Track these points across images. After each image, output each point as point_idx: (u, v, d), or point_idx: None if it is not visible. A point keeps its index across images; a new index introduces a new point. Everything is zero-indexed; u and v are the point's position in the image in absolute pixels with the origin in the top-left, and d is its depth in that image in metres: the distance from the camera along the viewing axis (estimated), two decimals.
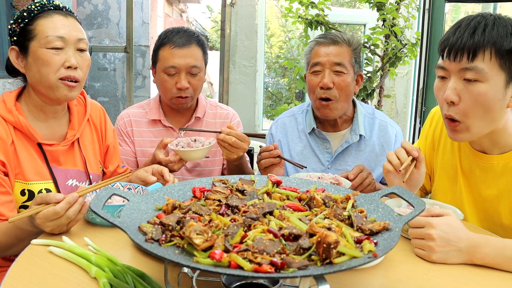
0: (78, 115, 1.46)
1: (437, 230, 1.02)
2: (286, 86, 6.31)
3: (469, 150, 1.31)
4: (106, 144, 1.56)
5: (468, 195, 1.32)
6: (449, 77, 1.17)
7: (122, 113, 1.87)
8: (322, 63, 1.68)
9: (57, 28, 1.29)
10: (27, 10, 1.31)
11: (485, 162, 1.26)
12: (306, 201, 1.02)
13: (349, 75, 1.67)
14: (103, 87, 5.64)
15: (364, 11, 4.89)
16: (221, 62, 4.28)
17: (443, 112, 1.21)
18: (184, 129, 1.72)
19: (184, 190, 1.05)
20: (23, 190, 1.28)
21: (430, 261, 1.03)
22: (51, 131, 1.38)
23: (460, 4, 4.78)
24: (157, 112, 1.83)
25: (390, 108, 4.47)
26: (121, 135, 1.82)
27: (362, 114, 1.79)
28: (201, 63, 1.75)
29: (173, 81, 1.71)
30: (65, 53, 1.30)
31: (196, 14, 19.68)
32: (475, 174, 1.30)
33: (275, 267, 0.70)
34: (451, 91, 1.15)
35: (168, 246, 0.77)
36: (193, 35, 1.77)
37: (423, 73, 2.76)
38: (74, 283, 0.89)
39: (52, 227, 1.06)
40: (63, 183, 1.37)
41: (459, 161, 1.35)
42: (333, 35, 1.71)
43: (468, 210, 1.32)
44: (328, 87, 1.65)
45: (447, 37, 1.16)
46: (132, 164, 1.81)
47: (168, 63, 1.70)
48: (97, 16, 5.59)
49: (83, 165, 1.44)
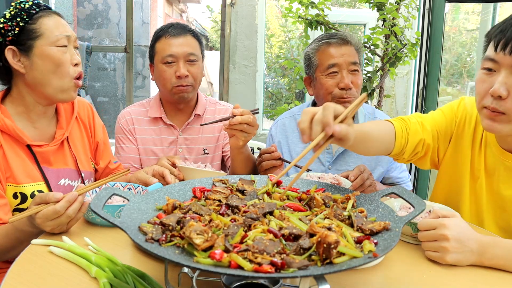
0: (66, 114, 1.46)
1: (451, 231, 1.00)
2: (286, 86, 6.30)
3: (496, 148, 1.27)
4: (96, 140, 1.56)
5: (488, 193, 1.29)
6: (498, 71, 1.11)
7: (123, 112, 1.87)
8: (339, 64, 1.66)
9: (61, 27, 1.32)
10: (22, 9, 1.29)
11: (510, 161, 1.23)
12: (306, 201, 1.02)
13: (360, 74, 1.69)
14: (103, 87, 5.64)
15: (364, 11, 4.89)
16: (221, 62, 4.28)
17: (483, 103, 1.15)
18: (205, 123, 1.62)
19: (184, 190, 1.05)
20: (15, 193, 1.27)
21: (444, 263, 1.01)
22: (39, 132, 1.38)
23: (460, 4, 4.79)
24: (158, 109, 1.83)
25: (390, 108, 4.47)
26: (123, 134, 1.82)
27: (362, 114, 1.79)
28: (198, 52, 1.76)
29: (172, 70, 1.73)
30: (69, 51, 1.33)
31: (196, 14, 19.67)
32: (498, 173, 1.26)
33: (275, 267, 0.70)
34: (501, 85, 1.09)
35: (168, 246, 0.77)
36: (187, 27, 1.80)
37: (423, 73, 2.76)
38: (74, 283, 0.89)
39: (52, 226, 1.06)
40: (56, 183, 1.36)
41: (484, 158, 1.30)
42: (342, 35, 1.71)
43: (486, 209, 1.29)
44: (350, 87, 1.66)
45: (504, 28, 1.09)
46: (137, 162, 1.80)
47: (166, 53, 1.72)
48: (97, 16, 5.60)
49: (74, 163, 1.44)
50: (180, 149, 1.83)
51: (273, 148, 1.58)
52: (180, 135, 1.83)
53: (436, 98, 2.74)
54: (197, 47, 1.77)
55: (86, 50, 4.20)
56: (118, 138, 1.84)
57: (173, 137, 1.83)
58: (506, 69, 1.09)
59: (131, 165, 1.79)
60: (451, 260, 1.00)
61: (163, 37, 1.75)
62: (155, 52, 1.77)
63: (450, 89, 5.40)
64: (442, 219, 1.04)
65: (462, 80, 5.25)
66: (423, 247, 1.06)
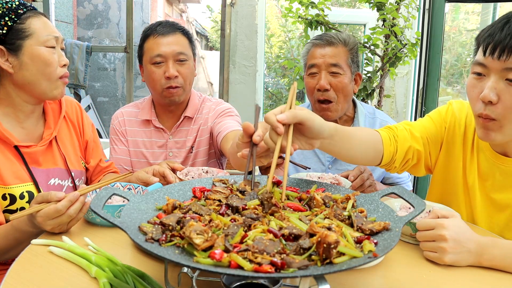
0: (53, 113, 1.46)
1: (449, 231, 1.00)
2: (286, 86, 6.31)
3: (490, 153, 1.25)
4: (85, 139, 1.56)
5: (482, 199, 1.28)
6: (488, 75, 1.09)
7: (116, 112, 1.85)
8: (318, 65, 1.67)
9: (50, 27, 1.33)
10: (10, 9, 1.29)
11: (506, 165, 1.21)
12: (306, 201, 1.02)
13: (346, 76, 1.67)
14: (103, 87, 5.64)
15: (364, 11, 4.89)
16: (221, 62, 4.28)
17: (476, 111, 1.13)
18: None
19: (184, 190, 1.05)
20: (4, 194, 1.27)
21: (442, 263, 1.01)
22: (27, 133, 1.38)
23: (460, 4, 4.79)
24: (149, 112, 1.79)
25: (390, 108, 4.47)
26: (116, 135, 1.80)
27: (362, 114, 1.79)
28: (188, 51, 1.70)
29: (161, 71, 1.67)
30: (57, 51, 1.34)
31: (196, 14, 19.69)
32: (493, 178, 1.25)
33: (275, 267, 0.70)
34: (490, 90, 1.07)
35: (168, 246, 0.77)
36: (177, 25, 1.73)
37: (423, 73, 2.76)
38: (74, 283, 0.89)
39: (53, 225, 1.06)
40: (45, 183, 1.36)
41: (477, 164, 1.29)
42: (329, 36, 1.71)
43: (479, 212, 1.28)
44: (325, 88, 1.65)
45: (492, 32, 1.07)
46: (127, 164, 1.79)
47: (154, 52, 1.66)
48: (97, 16, 5.60)
49: (63, 163, 1.44)
50: (171, 153, 1.79)
51: None
52: (170, 139, 1.79)
53: (436, 98, 2.74)
54: (187, 46, 1.70)
55: (86, 50, 4.20)
56: (112, 139, 1.82)
57: (163, 140, 1.79)
58: (495, 74, 1.08)
59: (122, 167, 1.77)
60: (449, 260, 1.00)
61: (151, 36, 1.68)
62: (144, 52, 1.71)
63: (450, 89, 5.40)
64: (441, 219, 1.04)
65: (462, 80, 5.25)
66: (421, 247, 1.06)
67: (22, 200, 1.28)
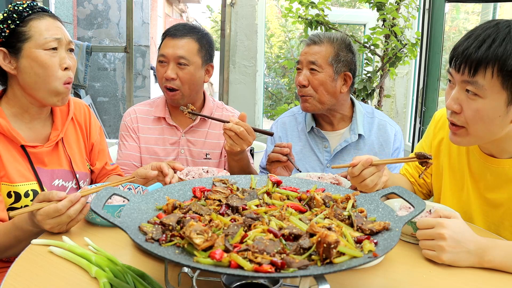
0: (61, 115, 1.46)
1: (448, 230, 1.00)
2: (286, 86, 6.31)
3: (478, 154, 1.28)
4: (91, 142, 1.57)
5: (476, 198, 1.30)
6: (455, 85, 1.14)
7: (129, 110, 1.89)
8: (300, 62, 1.76)
9: (52, 29, 1.31)
10: (14, 11, 1.30)
11: (496, 166, 1.23)
12: (306, 201, 1.02)
13: (323, 73, 1.69)
14: (103, 87, 5.64)
15: (364, 11, 4.89)
16: (221, 62, 4.28)
17: (447, 117, 1.19)
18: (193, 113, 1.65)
19: (184, 190, 1.05)
20: (9, 192, 1.27)
21: (440, 262, 1.01)
22: (34, 133, 1.38)
23: (460, 4, 4.79)
24: (163, 109, 1.84)
25: (390, 108, 4.47)
26: (127, 131, 1.83)
27: (361, 113, 1.80)
28: (192, 56, 1.71)
29: (163, 70, 1.73)
30: (60, 54, 1.32)
31: (196, 14, 19.67)
32: (485, 178, 1.27)
33: (275, 267, 0.70)
34: (453, 100, 1.13)
35: (168, 246, 0.77)
36: (193, 29, 1.75)
37: (423, 73, 2.76)
38: (74, 283, 0.89)
39: (52, 224, 1.06)
40: (49, 184, 1.37)
41: (467, 164, 1.32)
42: (315, 35, 1.76)
43: (475, 213, 1.30)
44: (302, 84, 1.72)
45: (458, 44, 1.12)
46: (137, 160, 1.81)
47: (160, 52, 1.74)
48: (97, 16, 5.60)
49: (68, 164, 1.44)
50: (182, 150, 1.82)
51: (286, 144, 1.59)
52: (183, 136, 1.82)
53: (436, 98, 2.75)
54: (193, 52, 1.72)
55: (86, 50, 4.20)
56: (122, 135, 1.85)
57: (176, 137, 1.83)
58: (458, 85, 1.13)
59: (131, 162, 1.79)
60: (447, 259, 1.00)
61: (166, 36, 1.75)
62: (159, 50, 1.79)
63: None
64: (442, 218, 1.04)
65: None
66: (420, 245, 1.06)
67: (27, 198, 1.29)
